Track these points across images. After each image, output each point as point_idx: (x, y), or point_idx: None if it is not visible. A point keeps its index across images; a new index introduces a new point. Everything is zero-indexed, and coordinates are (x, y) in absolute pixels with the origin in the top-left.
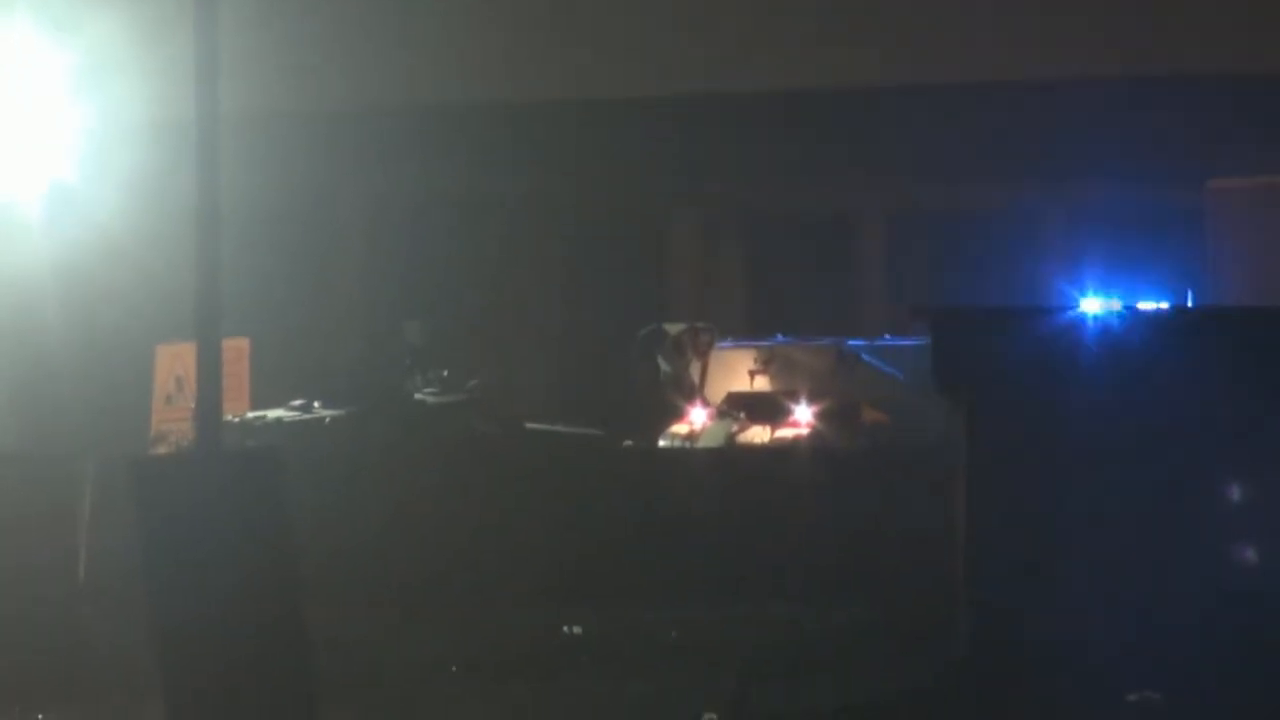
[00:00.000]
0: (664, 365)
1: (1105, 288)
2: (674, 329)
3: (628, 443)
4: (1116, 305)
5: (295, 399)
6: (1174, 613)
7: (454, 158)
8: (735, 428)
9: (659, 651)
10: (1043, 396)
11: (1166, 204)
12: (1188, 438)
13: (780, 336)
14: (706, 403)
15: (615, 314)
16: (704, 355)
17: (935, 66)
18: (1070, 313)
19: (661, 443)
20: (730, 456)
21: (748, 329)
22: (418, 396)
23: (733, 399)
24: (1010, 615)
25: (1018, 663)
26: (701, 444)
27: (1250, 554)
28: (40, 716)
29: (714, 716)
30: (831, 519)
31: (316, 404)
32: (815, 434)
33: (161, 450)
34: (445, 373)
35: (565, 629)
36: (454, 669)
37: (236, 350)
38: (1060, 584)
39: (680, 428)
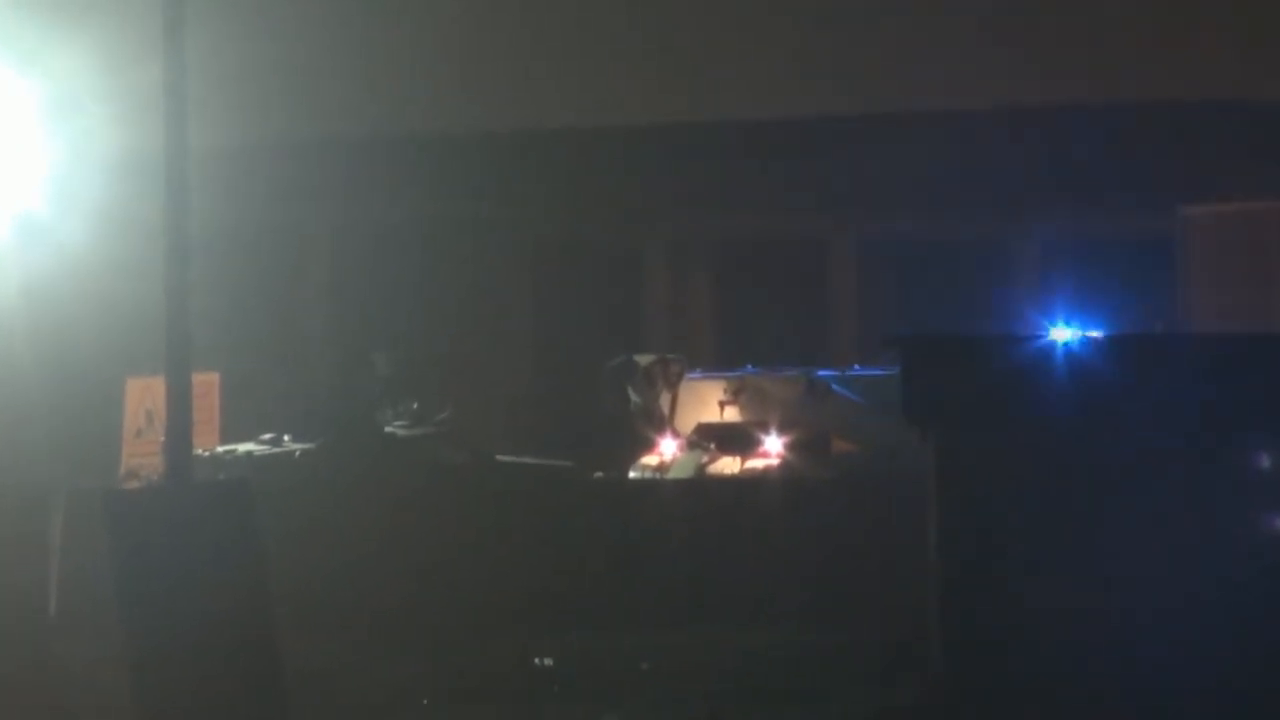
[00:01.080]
0: (634, 396)
1: (1075, 316)
2: (644, 360)
3: (598, 474)
4: (1087, 333)
5: (265, 433)
6: (1149, 640)
7: (420, 188)
8: (705, 459)
9: (631, 679)
10: (1012, 426)
11: (1139, 231)
12: (1161, 465)
13: (750, 367)
14: (676, 434)
15: (584, 344)
16: (674, 386)
17: (908, 95)
18: (1040, 341)
19: (632, 474)
20: (700, 486)
21: (718, 359)
22: (388, 429)
23: (702, 430)
24: (983, 647)
25: (990, 692)
26: (672, 475)
27: (1227, 580)
28: None
29: None
30: (802, 546)
31: (286, 437)
32: (785, 464)
33: (131, 484)
34: (415, 404)
35: (536, 660)
36: (425, 701)
37: (206, 384)
38: (1033, 615)
39: (650, 459)
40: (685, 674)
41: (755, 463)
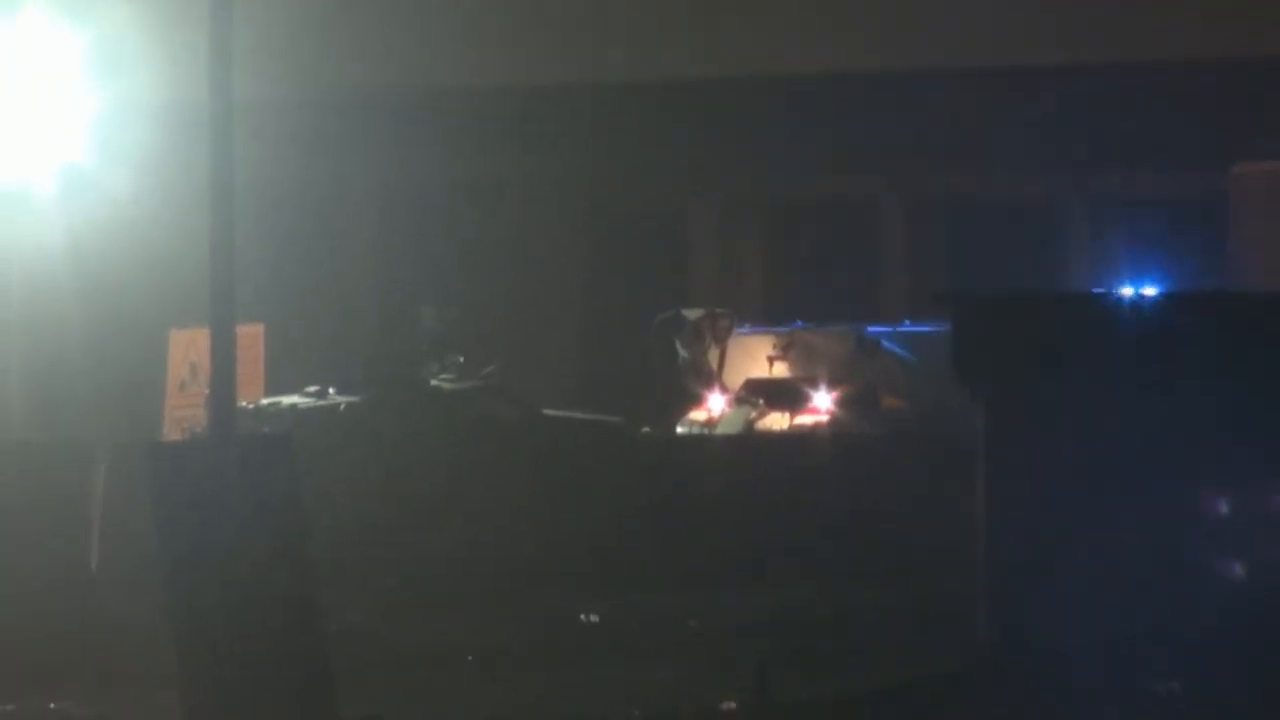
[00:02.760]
0: (682, 351)
1: (1126, 274)
2: (692, 314)
3: (645, 430)
4: (1139, 291)
5: (310, 385)
6: (1194, 606)
7: (470, 142)
8: (754, 414)
9: (678, 638)
10: (1062, 384)
11: (1191, 190)
12: (1214, 429)
13: (799, 322)
14: (725, 389)
15: (633, 299)
16: (723, 341)
17: (957, 51)
18: (1090, 298)
19: (680, 429)
20: (748, 442)
21: (767, 315)
22: (434, 383)
23: (751, 385)
24: (1028, 607)
25: (1035, 652)
26: (720, 430)
27: (1275, 549)
28: (53, 705)
29: (733, 705)
30: (850, 504)
31: (332, 390)
32: (834, 420)
33: (175, 436)
34: (461, 358)
35: (582, 617)
36: (469, 658)
37: (251, 336)
38: (1078, 576)
39: (698, 414)
40: (733, 632)
41: (804, 419)
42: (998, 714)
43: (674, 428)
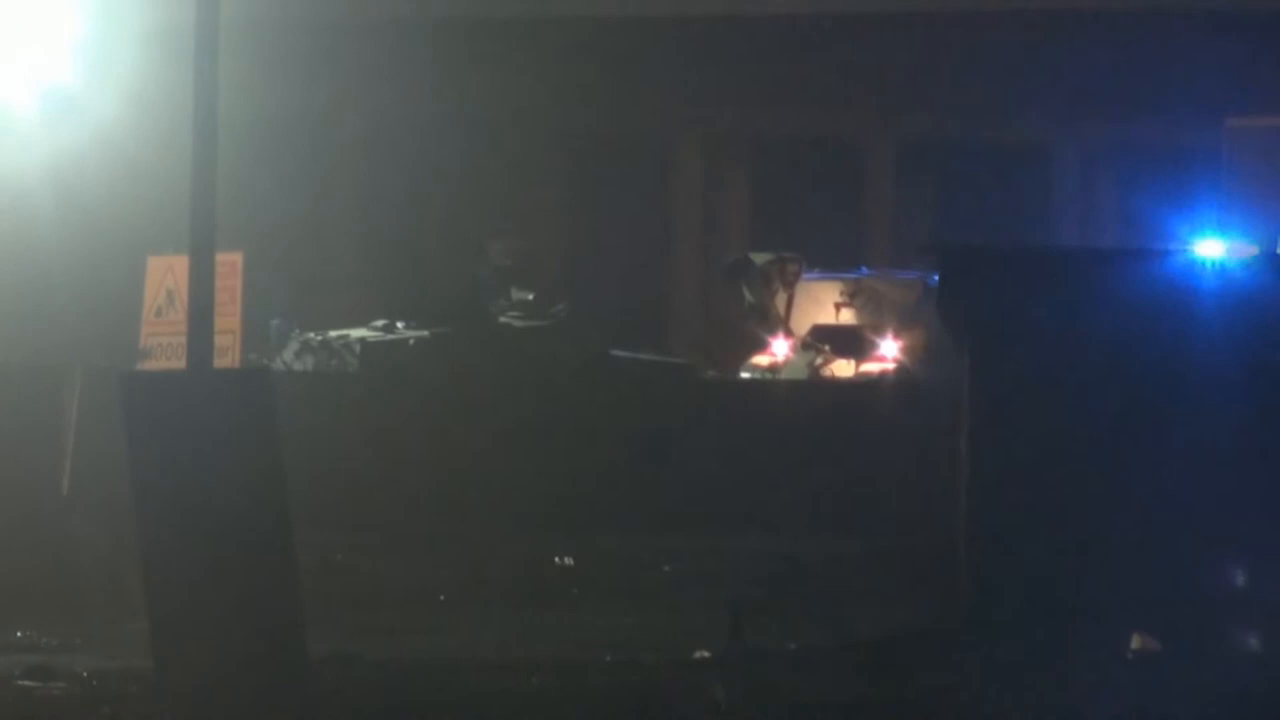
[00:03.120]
0: (749, 296)
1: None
2: (760, 258)
3: (709, 374)
4: (1130, 247)
5: (377, 319)
6: (1177, 559)
7: (460, 74)
8: (819, 361)
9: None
10: (1052, 341)
11: (1183, 141)
12: (1201, 385)
13: (865, 269)
14: (791, 335)
15: (615, 237)
16: (790, 286)
17: None
18: (1086, 255)
19: (744, 375)
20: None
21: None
22: (502, 319)
23: (818, 331)
24: (1013, 557)
25: (1019, 603)
26: (785, 376)
27: (1260, 506)
28: (20, 633)
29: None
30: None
31: (399, 324)
32: (901, 368)
33: (149, 363)
34: (531, 296)
35: (556, 559)
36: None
37: (229, 265)
38: (1063, 529)
39: (762, 359)
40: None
41: (870, 366)
42: (975, 669)
43: (738, 372)
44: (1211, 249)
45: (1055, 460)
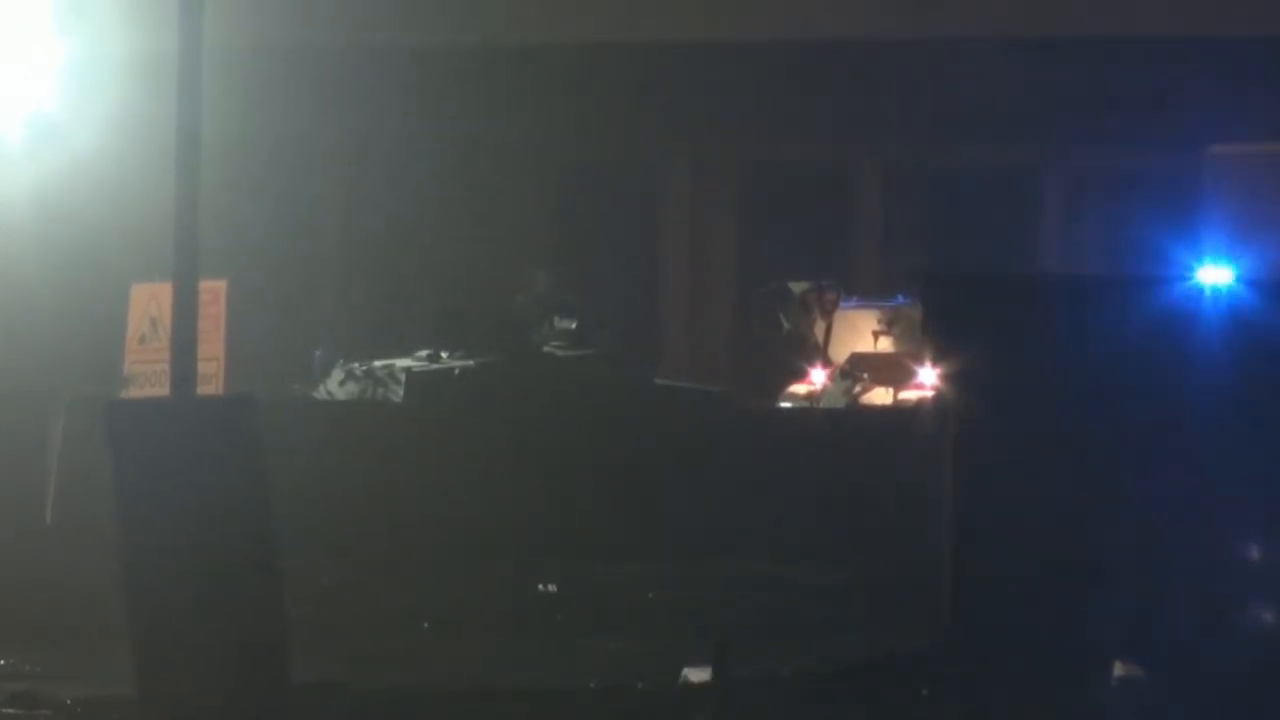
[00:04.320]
0: (786, 323)
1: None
2: (798, 286)
3: (747, 404)
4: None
5: (421, 349)
6: (1166, 586)
7: (444, 102)
8: (858, 388)
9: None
10: (1037, 368)
11: (1167, 168)
12: (1188, 411)
13: (902, 298)
14: (829, 363)
15: (600, 262)
16: (829, 315)
17: (938, 21)
18: (1063, 279)
19: (783, 403)
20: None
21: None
22: (546, 349)
23: (856, 359)
24: (996, 585)
25: (1003, 633)
26: (824, 404)
27: (1246, 532)
28: (3, 661)
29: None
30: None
31: (444, 354)
32: (940, 396)
33: (133, 390)
34: (574, 324)
35: (541, 588)
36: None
37: (213, 291)
38: (1047, 556)
39: (800, 387)
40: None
41: (909, 394)
42: (955, 694)
43: (776, 400)
44: (1213, 275)
45: (1039, 487)
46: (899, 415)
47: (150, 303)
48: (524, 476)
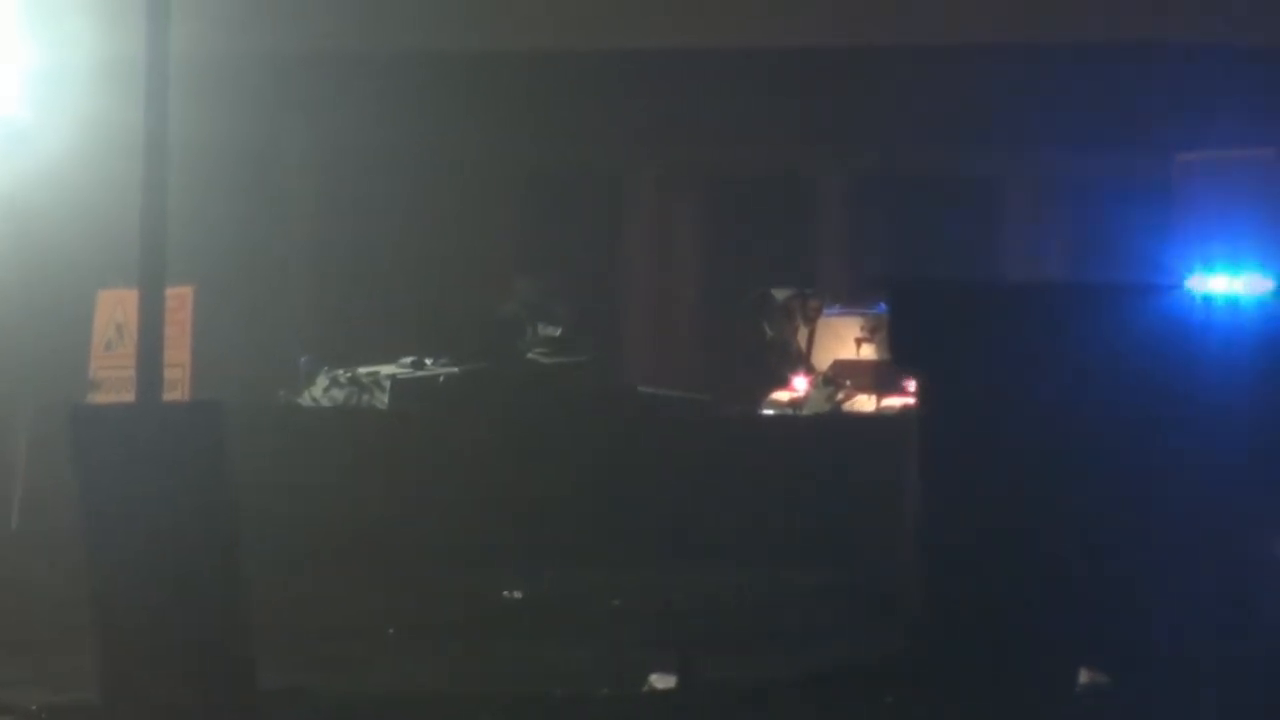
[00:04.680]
0: (769, 331)
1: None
2: (780, 294)
3: (726, 412)
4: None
5: (405, 356)
6: (1130, 589)
7: (403, 109)
8: (841, 396)
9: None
10: (1001, 375)
11: (1135, 174)
12: (1151, 420)
13: (883, 305)
14: (812, 370)
15: (563, 269)
16: (812, 322)
17: (902, 29)
18: (1025, 288)
19: (766, 411)
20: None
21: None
22: (530, 356)
23: (839, 367)
24: (961, 591)
25: (971, 638)
26: (807, 411)
27: (1210, 538)
28: None
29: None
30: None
31: (428, 360)
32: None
33: (99, 395)
34: (557, 332)
35: (506, 594)
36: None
37: (179, 298)
38: (1011, 564)
39: (783, 395)
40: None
41: (892, 401)
42: (921, 701)
43: (759, 408)
44: (1215, 284)
45: (1003, 495)
46: (877, 422)
47: (117, 308)
48: (499, 482)
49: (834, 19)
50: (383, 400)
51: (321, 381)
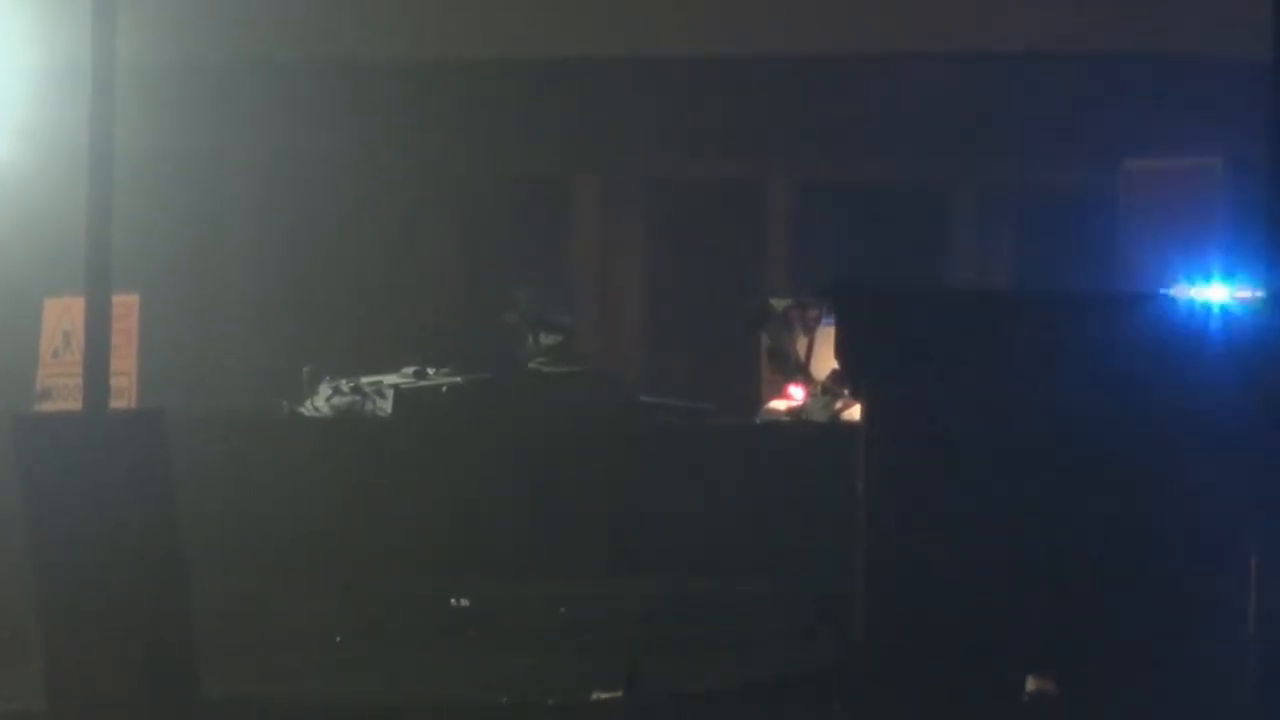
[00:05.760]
0: (767, 340)
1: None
2: (780, 304)
3: (726, 419)
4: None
5: (408, 365)
6: (1075, 600)
7: (351, 118)
8: (838, 404)
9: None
10: (949, 383)
11: (1080, 184)
12: (1101, 429)
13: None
14: (810, 379)
15: (506, 281)
16: (811, 331)
17: (845, 38)
18: (975, 295)
19: (761, 419)
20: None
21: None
22: (531, 365)
23: (837, 376)
24: (907, 601)
25: (915, 646)
26: (803, 420)
27: (1159, 533)
28: None
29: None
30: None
31: (431, 370)
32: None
33: (48, 404)
34: (559, 340)
35: (452, 601)
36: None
37: (125, 306)
38: (958, 573)
39: (779, 403)
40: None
41: None
42: (867, 710)
43: (755, 417)
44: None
45: (950, 503)
46: (828, 431)
47: (63, 316)
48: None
49: (784, 28)
50: (385, 409)
51: (324, 391)
